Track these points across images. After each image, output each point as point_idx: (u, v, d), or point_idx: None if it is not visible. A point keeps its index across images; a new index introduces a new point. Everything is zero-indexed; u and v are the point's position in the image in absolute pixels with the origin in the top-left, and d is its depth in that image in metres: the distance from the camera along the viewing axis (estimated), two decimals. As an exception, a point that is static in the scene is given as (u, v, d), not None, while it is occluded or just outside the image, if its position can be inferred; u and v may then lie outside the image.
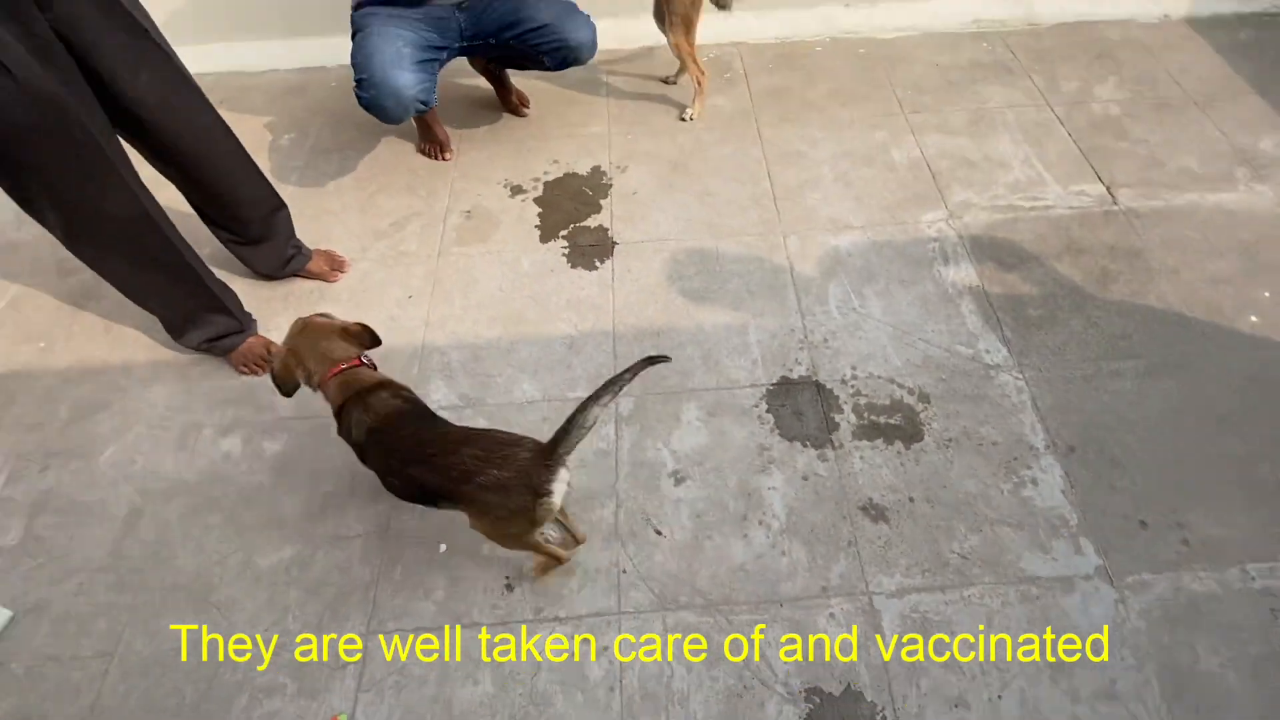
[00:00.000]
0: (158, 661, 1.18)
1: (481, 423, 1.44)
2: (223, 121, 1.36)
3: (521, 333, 1.60)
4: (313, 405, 1.46)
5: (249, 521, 1.34)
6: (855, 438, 1.40)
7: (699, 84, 2.02)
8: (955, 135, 2.03)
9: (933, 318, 1.60)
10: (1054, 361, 1.51)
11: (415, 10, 1.60)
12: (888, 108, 2.12)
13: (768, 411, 1.44)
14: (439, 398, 1.48)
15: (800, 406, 1.45)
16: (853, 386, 1.48)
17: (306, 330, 1.17)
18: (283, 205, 1.56)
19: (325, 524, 1.33)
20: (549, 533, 1.21)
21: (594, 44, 1.77)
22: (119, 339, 1.61)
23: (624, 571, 1.24)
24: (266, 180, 1.50)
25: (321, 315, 1.23)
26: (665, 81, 2.22)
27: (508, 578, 1.24)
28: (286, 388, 1.16)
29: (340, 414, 1.14)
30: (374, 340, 1.20)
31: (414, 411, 1.14)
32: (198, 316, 1.43)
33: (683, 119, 2.09)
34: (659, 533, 1.29)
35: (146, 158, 1.29)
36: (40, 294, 1.71)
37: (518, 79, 2.12)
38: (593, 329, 1.60)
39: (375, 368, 1.21)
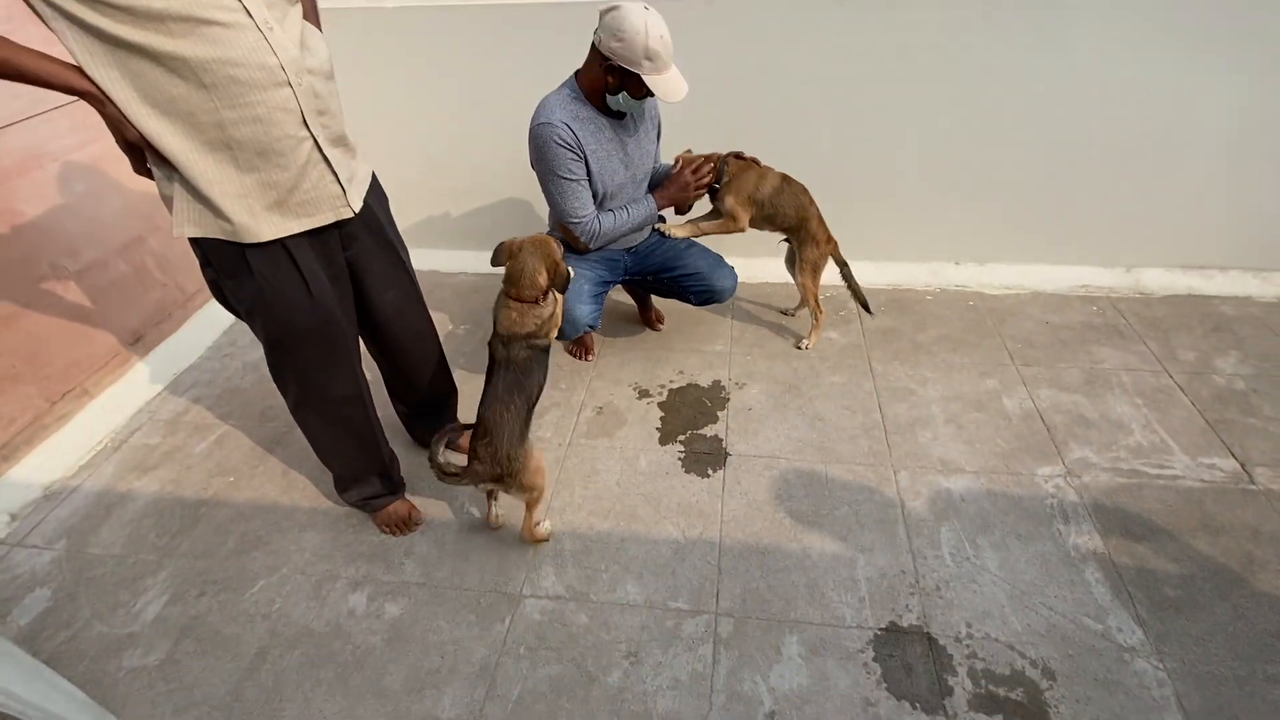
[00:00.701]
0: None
1: (583, 619, 1.49)
2: (434, 327, 1.69)
3: (632, 530, 1.69)
4: (436, 575, 1.59)
5: (355, 684, 1.40)
6: (971, 708, 1.31)
7: (816, 320, 2.26)
8: (1069, 391, 2.08)
9: (1054, 581, 1.54)
10: (1199, 654, 1.39)
11: (594, 253, 1.98)
12: (998, 358, 2.23)
13: (874, 660, 1.39)
14: (548, 585, 1.56)
15: (910, 660, 1.39)
16: (968, 647, 1.41)
17: (541, 245, 1.54)
18: (455, 391, 1.84)
19: (422, 703, 1.37)
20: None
21: (734, 290, 2.07)
22: (292, 484, 1.85)
23: (712, 821, 1.17)
24: (449, 371, 1.79)
25: (558, 242, 1.59)
26: (785, 314, 2.48)
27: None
28: (498, 259, 1.56)
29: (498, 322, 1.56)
30: (564, 287, 1.59)
31: (532, 361, 1.54)
32: (363, 477, 1.64)
33: (798, 347, 2.30)
34: (753, 781, 1.22)
35: (368, 345, 1.61)
36: (241, 435, 2.03)
37: (657, 299, 2.46)
38: (699, 537, 1.66)
39: (546, 294, 1.56)
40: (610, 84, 1.70)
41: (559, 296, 1.61)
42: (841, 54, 2.24)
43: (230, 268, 1.24)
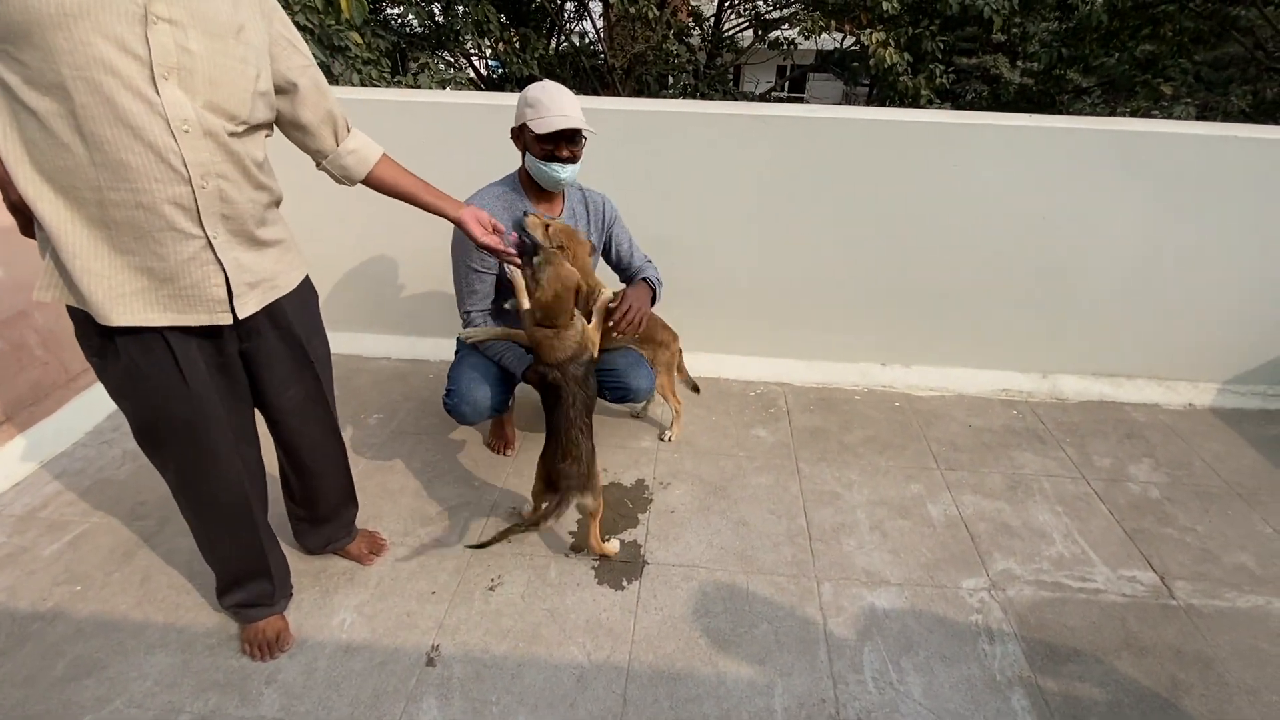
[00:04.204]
0: None
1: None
2: (339, 434, 1.57)
3: (532, 653, 1.52)
4: (298, 709, 1.39)
5: None
6: None
7: (677, 412, 2.26)
8: (992, 498, 2.07)
9: (981, 710, 1.44)
10: (1132, 798, 1.29)
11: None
12: (923, 461, 2.22)
13: (788, 811, 1.25)
14: (430, 720, 1.38)
15: (826, 811, 1.25)
16: (889, 793, 1.28)
17: (562, 277, 1.59)
18: (354, 503, 1.70)
19: None
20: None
21: (650, 391, 2.02)
22: (150, 594, 1.63)
23: None
24: (352, 481, 1.66)
25: (582, 241, 1.72)
26: (635, 416, 2.41)
27: None
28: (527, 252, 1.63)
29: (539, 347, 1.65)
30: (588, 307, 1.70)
31: (588, 374, 1.65)
32: (246, 581, 1.47)
33: (662, 439, 2.27)
34: None
35: (271, 436, 1.48)
36: (103, 534, 1.80)
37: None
38: (606, 661, 1.51)
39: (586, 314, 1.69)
40: (519, 148, 1.78)
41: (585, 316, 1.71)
42: (773, 168, 2.35)
43: (96, 345, 1.14)
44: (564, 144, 1.70)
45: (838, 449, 2.27)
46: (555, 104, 1.67)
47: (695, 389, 2.40)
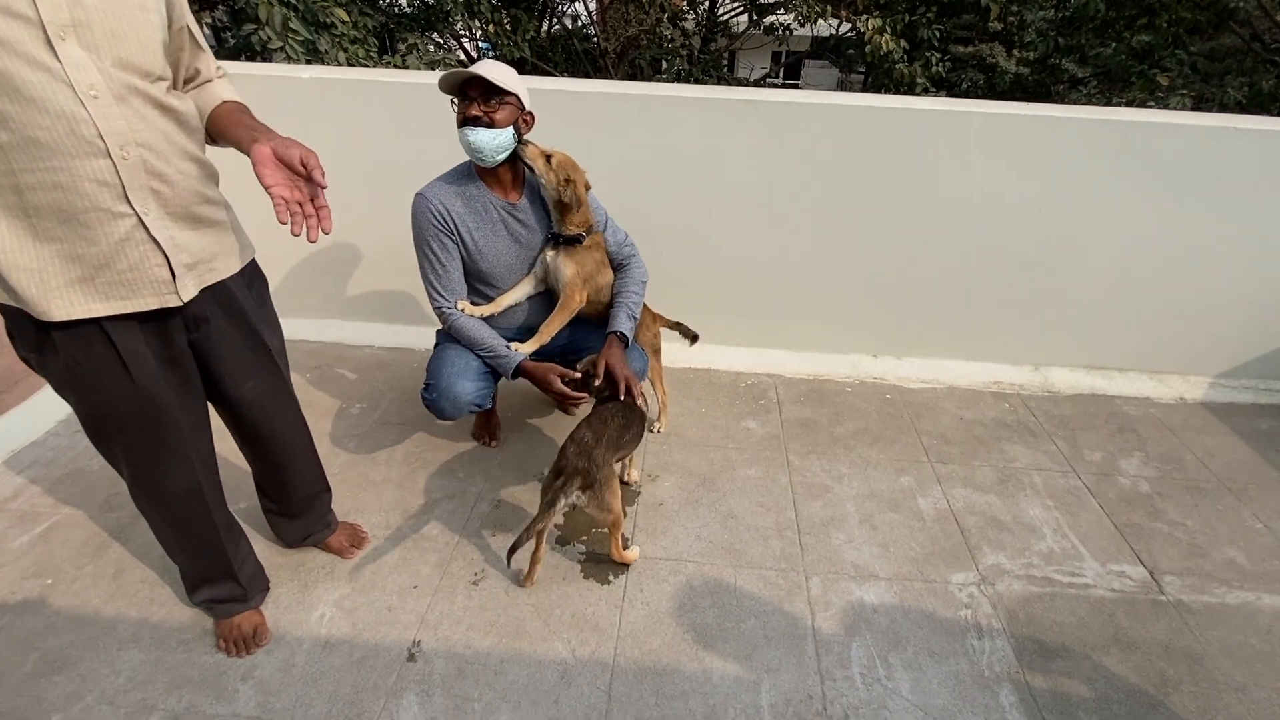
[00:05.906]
0: None
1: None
2: (304, 421, 1.52)
3: (516, 649, 1.50)
4: (275, 706, 1.36)
5: None
6: None
7: (663, 403, 2.23)
8: (983, 491, 2.05)
9: (969, 706, 1.43)
10: (1118, 795, 1.28)
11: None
12: (913, 454, 2.20)
13: (773, 809, 1.23)
14: (408, 718, 1.35)
15: (812, 810, 1.23)
16: (875, 791, 1.27)
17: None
18: (327, 490, 1.65)
19: None
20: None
21: (644, 374, 1.98)
22: (122, 588, 1.59)
23: None
24: (322, 469, 1.62)
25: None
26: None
27: None
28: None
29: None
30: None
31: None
32: (213, 578, 1.44)
33: (651, 430, 2.24)
34: None
35: (230, 429, 1.44)
36: (75, 527, 1.76)
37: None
38: (591, 657, 1.49)
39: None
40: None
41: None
42: (764, 155, 2.30)
43: (33, 341, 1.08)
44: (474, 103, 1.59)
45: (828, 441, 2.25)
46: (473, 66, 1.59)
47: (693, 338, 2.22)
